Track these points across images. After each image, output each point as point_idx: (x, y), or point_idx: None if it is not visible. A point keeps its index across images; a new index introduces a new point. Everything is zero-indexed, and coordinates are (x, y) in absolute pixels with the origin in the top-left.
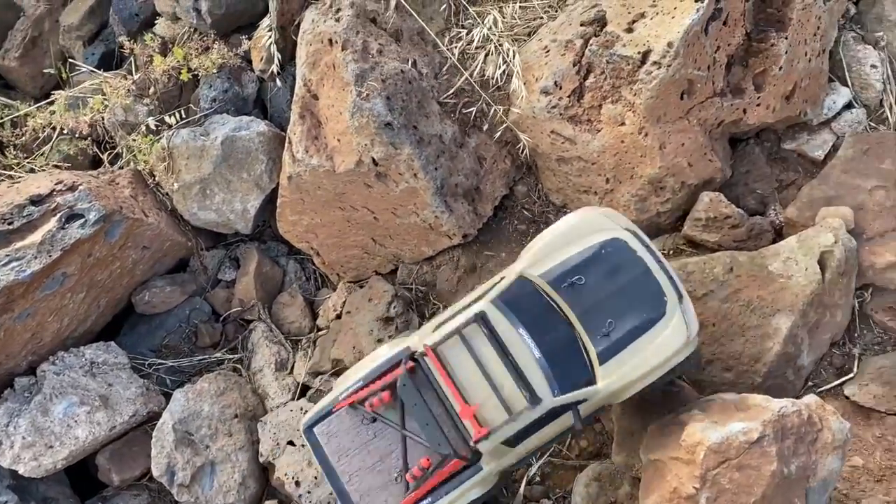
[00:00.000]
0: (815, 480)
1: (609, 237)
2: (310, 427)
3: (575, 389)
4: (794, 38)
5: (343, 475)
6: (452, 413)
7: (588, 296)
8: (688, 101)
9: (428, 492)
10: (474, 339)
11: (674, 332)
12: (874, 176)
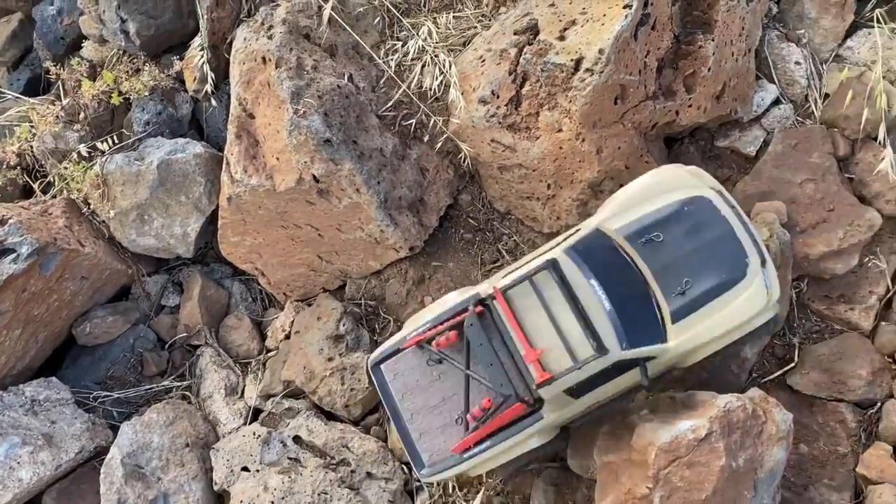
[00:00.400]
0: (762, 472)
1: (693, 195)
2: (377, 364)
3: (644, 345)
4: (720, 40)
5: (405, 413)
6: (517, 357)
7: (665, 253)
8: (622, 106)
9: (488, 434)
10: (544, 285)
11: (754, 296)
12: (804, 169)
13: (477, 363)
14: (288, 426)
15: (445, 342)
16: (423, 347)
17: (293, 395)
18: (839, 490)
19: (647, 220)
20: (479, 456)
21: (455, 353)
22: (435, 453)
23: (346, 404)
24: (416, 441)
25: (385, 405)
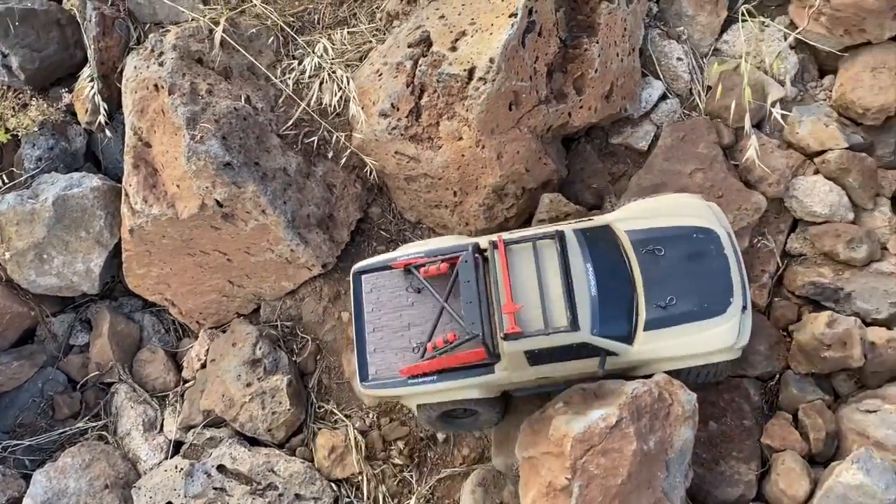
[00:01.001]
0: (673, 452)
1: (706, 226)
2: (360, 273)
3: (611, 338)
4: (604, 42)
5: (369, 325)
6: (496, 304)
7: (661, 267)
8: (516, 112)
9: (438, 370)
10: (545, 251)
11: (724, 333)
12: (692, 160)
13: (456, 299)
14: (211, 456)
15: (435, 271)
16: (409, 273)
17: (214, 424)
18: (747, 461)
19: (656, 234)
20: (422, 386)
21: (437, 286)
22: (382, 370)
23: (268, 428)
24: (368, 353)
25: (353, 311)
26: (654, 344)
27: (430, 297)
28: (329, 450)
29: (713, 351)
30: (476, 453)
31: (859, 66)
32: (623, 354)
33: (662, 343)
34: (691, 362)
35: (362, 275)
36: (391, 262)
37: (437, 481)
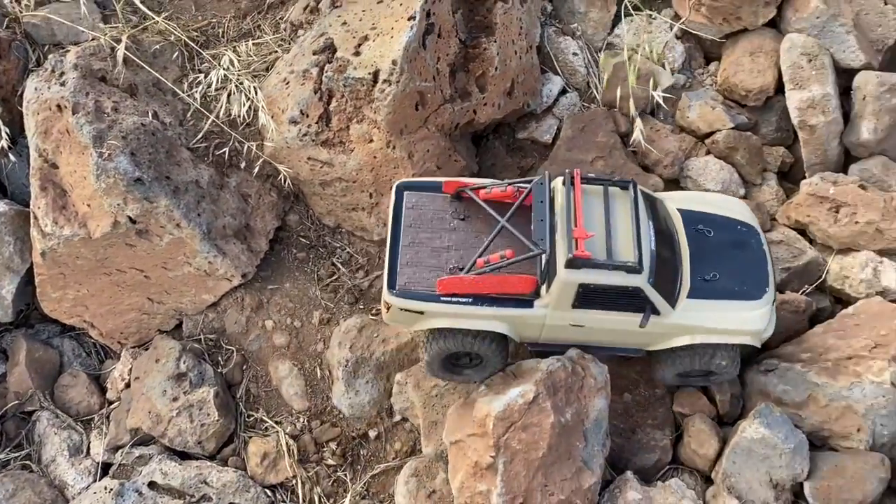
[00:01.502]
0: (589, 422)
1: (750, 223)
2: (404, 188)
3: (662, 294)
4: (502, 41)
5: (405, 238)
6: (565, 231)
7: (708, 246)
8: (423, 111)
9: (476, 294)
10: (617, 197)
11: (756, 318)
12: (593, 149)
13: (520, 223)
14: (141, 474)
15: (499, 194)
16: (459, 199)
17: (142, 442)
18: (661, 428)
19: (705, 217)
20: (454, 307)
21: (496, 209)
22: (413, 282)
23: (198, 440)
24: (399, 265)
25: (390, 223)
26: (694, 312)
27: (474, 226)
28: (261, 457)
29: (744, 331)
30: (408, 446)
31: (739, 51)
32: (665, 315)
33: (702, 313)
34: (722, 338)
35: (405, 190)
36: (440, 185)
37: (371, 478)
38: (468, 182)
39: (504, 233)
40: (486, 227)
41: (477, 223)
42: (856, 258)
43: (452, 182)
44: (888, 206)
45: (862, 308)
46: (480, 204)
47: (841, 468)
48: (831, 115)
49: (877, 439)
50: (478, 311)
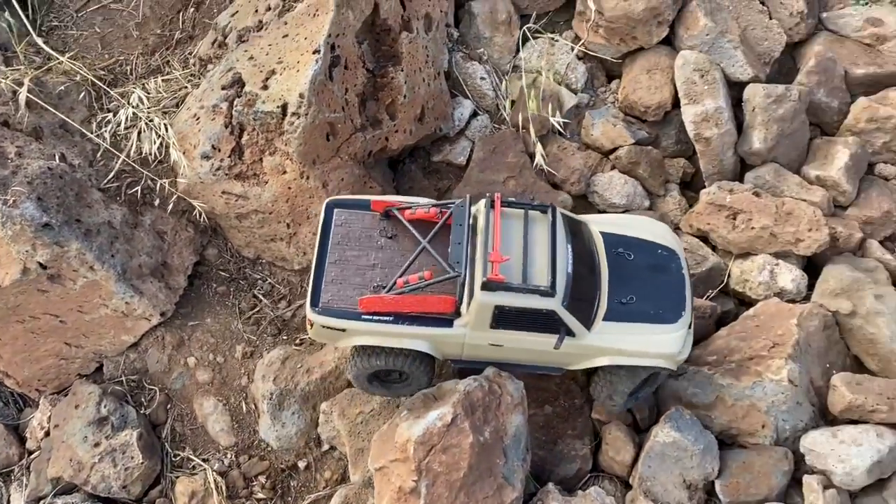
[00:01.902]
0: (508, 438)
1: (671, 247)
2: (334, 205)
3: (576, 317)
4: (409, 69)
5: (332, 255)
6: (481, 257)
7: (627, 269)
8: (335, 142)
9: (397, 312)
10: (536, 221)
11: (670, 341)
12: (504, 169)
13: (437, 245)
14: None
15: (423, 214)
16: (387, 217)
17: (65, 491)
18: (581, 437)
19: (627, 241)
20: (375, 325)
21: (418, 230)
22: (336, 300)
23: (123, 485)
24: (324, 282)
25: (318, 239)
26: (609, 335)
27: (401, 245)
28: (189, 496)
29: (658, 354)
30: (338, 475)
31: (637, 69)
32: (579, 337)
33: (617, 335)
34: (636, 360)
35: (335, 208)
36: (369, 203)
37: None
38: (395, 201)
39: (427, 253)
40: (413, 246)
41: (404, 242)
42: (754, 262)
43: (380, 201)
44: (780, 212)
45: (761, 309)
46: None
47: (748, 464)
48: (724, 127)
49: (780, 434)
50: (398, 329)
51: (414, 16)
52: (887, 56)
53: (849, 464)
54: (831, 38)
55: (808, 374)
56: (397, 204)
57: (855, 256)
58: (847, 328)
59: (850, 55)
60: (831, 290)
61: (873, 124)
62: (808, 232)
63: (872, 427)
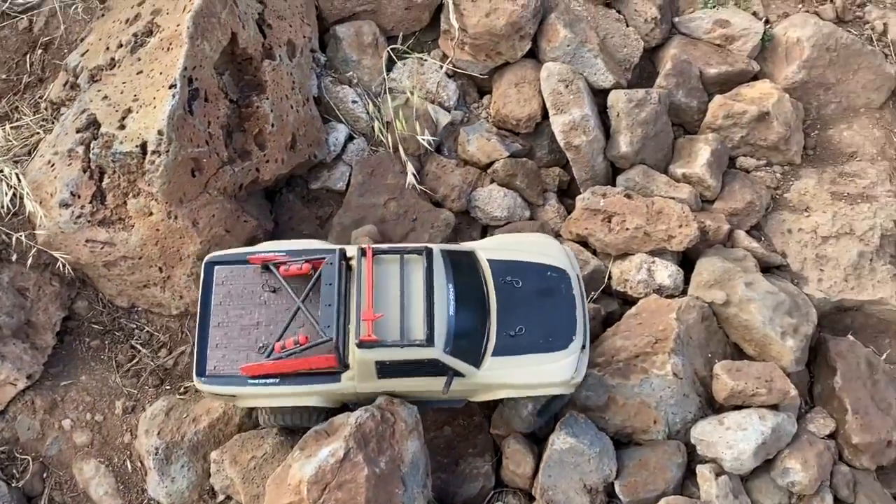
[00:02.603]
0: (405, 466)
1: (559, 265)
2: (213, 263)
3: (461, 359)
4: (274, 97)
5: (215, 318)
6: (355, 312)
7: (515, 298)
8: (201, 177)
9: (282, 373)
10: (411, 265)
11: (563, 367)
12: (384, 192)
13: (314, 302)
14: None
15: (296, 271)
16: (267, 270)
17: None
18: (482, 454)
19: (515, 266)
20: (262, 388)
21: (296, 286)
22: (222, 366)
23: None
24: (209, 347)
25: (200, 301)
26: (500, 370)
27: (285, 298)
28: None
29: (551, 383)
30: None
31: (505, 83)
32: (469, 376)
33: (507, 370)
34: (530, 392)
35: (215, 265)
36: (246, 257)
37: None
38: (272, 257)
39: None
40: (295, 301)
41: (287, 296)
42: (631, 262)
43: (258, 256)
44: (651, 211)
45: (642, 307)
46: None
47: (644, 461)
48: (592, 134)
49: (671, 428)
50: (286, 390)
51: (276, 43)
52: (736, 55)
53: (736, 449)
54: (685, 41)
55: (692, 365)
56: (273, 258)
57: (724, 248)
58: (723, 317)
59: (704, 56)
60: (705, 282)
61: (730, 120)
62: (678, 228)
63: (755, 410)
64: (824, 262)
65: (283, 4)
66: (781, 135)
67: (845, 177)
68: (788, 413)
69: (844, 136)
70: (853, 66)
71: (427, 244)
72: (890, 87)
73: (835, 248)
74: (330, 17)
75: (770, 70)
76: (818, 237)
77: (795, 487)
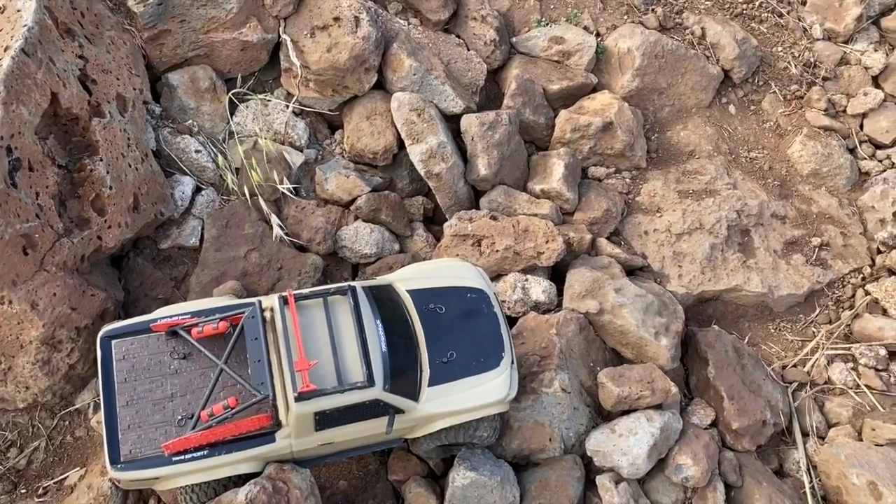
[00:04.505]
0: None
1: (477, 287)
2: (109, 338)
3: (401, 395)
4: (109, 157)
5: (121, 397)
6: (286, 364)
7: (441, 324)
8: (35, 255)
9: (211, 443)
10: (337, 307)
11: (498, 386)
12: (243, 243)
13: (240, 360)
14: None
15: (212, 331)
16: (174, 336)
17: None
18: (384, 501)
19: (435, 293)
20: (190, 464)
21: (212, 347)
22: (139, 448)
23: None
24: (120, 430)
25: (101, 385)
26: (438, 399)
27: (198, 364)
28: None
29: (489, 403)
30: None
31: (356, 117)
32: (409, 412)
33: (445, 398)
34: (469, 416)
35: (112, 339)
36: (149, 325)
37: None
38: (181, 321)
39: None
40: (212, 363)
41: (201, 360)
42: (506, 282)
43: (164, 323)
44: (517, 230)
45: (522, 325)
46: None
47: (545, 482)
48: (451, 160)
49: (567, 443)
50: (217, 461)
51: (103, 99)
52: (574, 69)
53: (631, 454)
54: (525, 60)
55: (577, 377)
56: (181, 322)
57: (590, 257)
58: (599, 325)
59: (545, 73)
60: (578, 294)
61: (577, 133)
62: (545, 244)
63: (642, 413)
64: (681, 259)
65: (107, 57)
66: (626, 142)
67: (688, 175)
68: (672, 410)
69: (682, 137)
70: (681, 70)
71: (350, 282)
72: (715, 86)
73: (689, 244)
74: (160, 66)
75: (607, 81)
76: (672, 235)
77: (689, 482)
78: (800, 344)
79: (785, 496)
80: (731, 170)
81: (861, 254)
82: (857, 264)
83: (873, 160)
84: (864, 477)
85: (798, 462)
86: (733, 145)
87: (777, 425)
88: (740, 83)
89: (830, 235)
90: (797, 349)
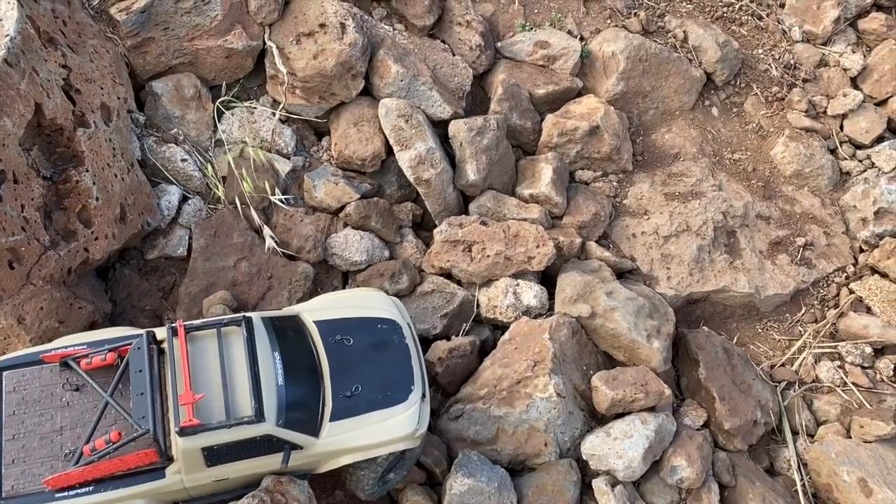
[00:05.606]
0: None
1: (388, 317)
2: (1, 369)
3: (298, 431)
4: (95, 168)
5: (7, 430)
6: (172, 397)
7: (347, 357)
8: (21, 268)
9: (95, 478)
10: (231, 338)
11: (405, 420)
12: (231, 252)
13: (126, 392)
14: None
15: (100, 362)
16: (67, 366)
17: None
18: None
19: (344, 324)
20: (75, 500)
21: (101, 379)
22: (22, 484)
23: None
24: (3, 465)
25: None
26: (340, 435)
27: (90, 396)
28: None
29: (395, 439)
30: None
31: (344, 124)
32: (308, 447)
33: (348, 433)
34: (375, 452)
35: (3, 371)
36: (40, 356)
37: None
38: (71, 352)
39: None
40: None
41: (93, 392)
42: (497, 287)
43: (56, 353)
44: (508, 235)
45: (515, 331)
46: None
47: (542, 487)
48: (440, 166)
49: (562, 447)
50: (104, 497)
51: (88, 109)
52: (560, 73)
53: (626, 457)
54: (511, 65)
55: (571, 381)
56: (72, 353)
57: (580, 260)
58: (591, 329)
59: (530, 78)
60: (569, 298)
61: (564, 137)
62: (536, 249)
63: (636, 416)
64: (669, 261)
65: (91, 66)
66: (613, 145)
67: (674, 177)
68: (666, 412)
69: (666, 139)
70: (664, 73)
71: (245, 313)
72: (697, 88)
73: (676, 246)
74: (144, 74)
75: (592, 85)
76: (660, 237)
77: (684, 483)
78: (787, 343)
79: (778, 495)
80: (716, 171)
81: (844, 253)
82: (840, 263)
83: (854, 160)
84: (855, 474)
85: (789, 460)
86: (717, 147)
87: (767, 424)
88: (723, 85)
89: (814, 235)
90: (784, 348)
